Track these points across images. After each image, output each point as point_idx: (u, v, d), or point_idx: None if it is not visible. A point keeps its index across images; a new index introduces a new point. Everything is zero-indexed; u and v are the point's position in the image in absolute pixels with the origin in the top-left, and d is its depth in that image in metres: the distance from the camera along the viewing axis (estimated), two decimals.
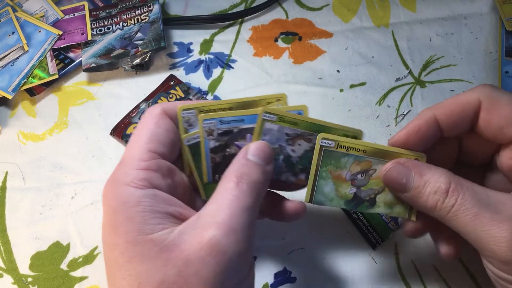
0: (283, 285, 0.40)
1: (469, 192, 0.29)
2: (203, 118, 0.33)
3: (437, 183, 0.30)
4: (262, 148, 0.31)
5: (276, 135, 0.33)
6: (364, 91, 0.50)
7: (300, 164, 0.33)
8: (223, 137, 0.33)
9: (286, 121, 0.33)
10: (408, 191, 0.31)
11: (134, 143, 0.31)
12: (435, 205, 0.30)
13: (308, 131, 0.33)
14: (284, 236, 0.42)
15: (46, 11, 0.55)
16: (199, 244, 0.26)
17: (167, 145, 0.32)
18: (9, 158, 0.47)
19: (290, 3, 0.56)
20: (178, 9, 0.57)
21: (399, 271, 0.40)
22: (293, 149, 0.33)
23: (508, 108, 0.30)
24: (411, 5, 0.55)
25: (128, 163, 0.30)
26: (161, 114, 0.32)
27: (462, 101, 0.32)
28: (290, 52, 0.53)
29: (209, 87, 0.51)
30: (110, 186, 0.30)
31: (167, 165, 0.31)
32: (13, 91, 0.49)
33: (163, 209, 0.29)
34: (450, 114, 0.32)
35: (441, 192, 0.29)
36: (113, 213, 0.28)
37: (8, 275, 0.42)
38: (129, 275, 0.27)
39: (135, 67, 0.51)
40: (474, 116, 0.32)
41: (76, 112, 0.50)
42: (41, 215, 0.44)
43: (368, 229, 0.42)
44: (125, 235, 0.27)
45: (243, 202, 0.28)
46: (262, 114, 0.32)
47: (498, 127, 0.31)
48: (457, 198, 0.29)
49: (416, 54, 0.52)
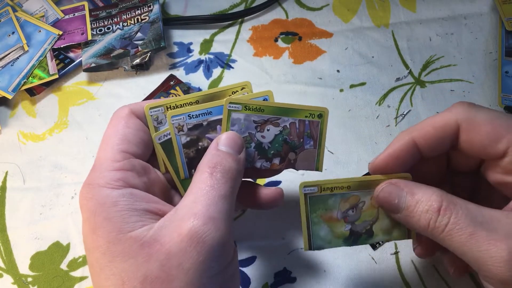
0: (283, 285, 0.40)
1: (463, 211, 0.28)
2: (171, 115, 0.33)
3: (428, 201, 0.29)
4: (232, 138, 0.32)
5: (244, 124, 0.33)
6: (364, 91, 0.50)
7: (272, 149, 0.34)
8: (194, 131, 0.33)
9: (251, 109, 0.33)
10: (401, 212, 0.30)
11: (105, 146, 0.31)
12: (427, 224, 0.29)
13: (274, 116, 0.33)
14: (284, 236, 0.42)
15: (46, 11, 0.55)
16: (179, 236, 0.26)
17: (139, 145, 0.32)
18: (9, 158, 0.47)
19: (290, 3, 0.56)
20: (178, 9, 0.57)
21: (399, 271, 0.40)
22: (263, 135, 0.34)
23: (488, 126, 0.30)
24: (411, 5, 0.55)
25: (102, 166, 0.30)
26: (129, 114, 0.33)
27: (440, 123, 0.31)
28: (290, 52, 0.53)
29: (209, 87, 0.51)
30: (86, 190, 0.30)
31: (141, 164, 0.32)
32: (13, 91, 0.49)
33: (141, 206, 0.29)
34: (429, 137, 0.32)
35: (432, 210, 0.28)
36: (92, 216, 0.28)
37: (8, 275, 0.42)
38: (112, 274, 0.27)
39: (135, 67, 0.51)
40: (453, 137, 0.31)
41: (76, 112, 0.50)
42: (41, 215, 0.44)
43: None
44: (105, 235, 0.27)
45: (218, 191, 0.29)
46: (227, 105, 0.33)
47: (480, 146, 0.30)
48: (450, 217, 0.28)
49: (416, 54, 0.52)
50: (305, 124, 0.34)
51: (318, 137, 0.34)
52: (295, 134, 0.34)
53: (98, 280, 0.28)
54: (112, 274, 0.27)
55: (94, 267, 0.28)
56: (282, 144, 0.34)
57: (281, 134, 0.34)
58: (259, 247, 0.42)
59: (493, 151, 0.30)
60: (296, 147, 0.34)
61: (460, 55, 0.51)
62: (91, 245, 0.28)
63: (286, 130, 0.34)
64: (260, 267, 0.41)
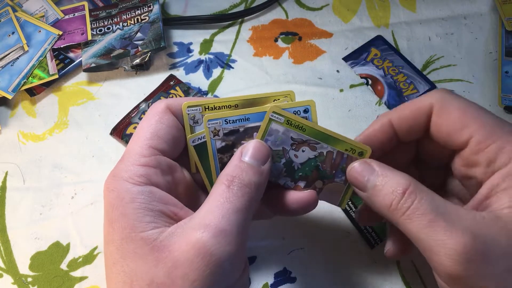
0: (283, 285, 0.40)
1: (427, 198, 0.28)
2: (207, 119, 0.32)
3: (396, 183, 0.29)
4: (257, 147, 0.31)
5: (281, 138, 0.32)
6: (364, 91, 0.50)
7: (301, 171, 0.33)
8: (229, 136, 0.32)
9: (293, 125, 0.32)
10: (367, 190, 0.30)
11: (136, 139, 0.31)
12: (389, 204, 0.29)
13: (314, 139, 0.32)
14: (284, 236, 0.42)
15: (46, 11, 0.55)
16: (187, 246, 0.26)
17: (169, 142, 0.32)
18: (9, 158, 0.47)
19: (290, 3, 0.56)
20: (178, 9, 0.57)
21: (399, 271, 0.40)
22: (296, 154, 0.33)
23: (457, 112, 0.30)
24: (411, 5, 0.55)
25: (128, 158, 0.30)
26: (165, 110, 0.32)
27: (416, 105, 0.32)
28: (290, 52, 0.53)
29: (209, 87, 0.51)
30: (110, 181, 0.30)
31: (168, 162, 0.31)
32: (13, 91, 0.49)
33: (157, 207, 0.29)
34: (404, 118, 0.32)
35: (397, 192, 0.28)
36: (110, 208, 0.29)
37: (8, 275, 0.42)
38: (123, 271, 0.27)
39: (135, 67, 0.51)
40: (426, 120, 0.31)
41: (76, 112, 0.50)
42: (41, 215, 0.44)
43: (366, 229, 0.42)
44: (120, 231, 0.28)
45: (233, 204, 0.28)
46: (270, 114, 0.32)
47: (446, 132, 0.30)
48: (414, 201, 0.28)
49: (416, 54, 0.52)
50: (343, 157, 0.32)
51: None
52: (329, 163, 0.33)
53: (110, 273, 0.28)
54: (122, 271, 0.27)
55: (108, 259, 0.29)
56: (312, 169, 0.33)
57: (315, 159, 0.32)
58: (259, 247, 0.42)
59: (457, 139, 0.30)
60: (326, 177, 0.33)
61: (460, 55, 0.51)
62: (108, 237, 0.29)
63: (322, 157, 0.33)
64: (260, 267, 0.41)
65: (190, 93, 0.49)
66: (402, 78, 0.50)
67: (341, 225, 0.42)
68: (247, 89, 0.51)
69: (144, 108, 0.49)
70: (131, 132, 0.47)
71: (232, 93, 0.50)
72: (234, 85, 0.51)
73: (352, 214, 0.42)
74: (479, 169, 0.30)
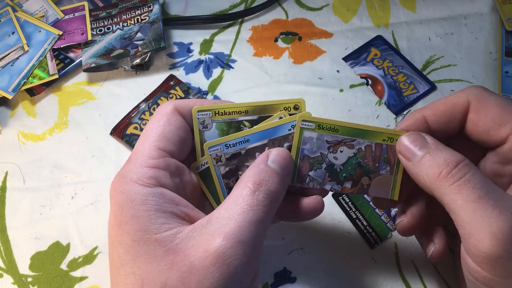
0: (283, 285, 0.40)
1: (480, 174, 0.27)
2: (208, 146, 0.32)
3: (449, 155, 0.28)
4: (283, 156, 0.31)
5: (317, 143, 0.32)
6: (364, 91, 0.50)
7: (344, 172, 0.32)
8: (232, 161, 0.32)
9: (325, 128, 0.32)
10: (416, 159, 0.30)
11: (144, 140, 0.31)
12: (438, 173, 0.28)
13: (349, 137, 0.32)
14: (284, 236, 0.42)
15: (46, 11, 0.55)
16: (204, 253, 0.26)
17: (177, 143, 0.31)
18: (9, 158, 0.47)
19: (290, 3, 0.56)
20: (178, 9, 0.57)
21: (399, 271, 0.40)
22: (335, 156, 0.32)
23: (496, 109, 0.30)
24: (411, 5, 0.55)
25: (137, 160, 0.30)
26: (173, 111, 0.32)
27: (451, 101, 0.32)
28: (290, 52, 0.53)
29: (209, 87, 0.51)
30: (117, 182, 0.29)
31: (176, 164, 0.31)
32: (13, 91, 0.49)
33: (169, 208, 0.28)
34: (440, 114, 0.32)
35: (451, 162, 0.28)
36: (119, 210, 0.28)
37: (8, 275, 0.42)
38: (133, 273, 0.27)
39: (135, 67, 0.51)
40: (462, 117, 0.31)
41: (76, 112, 0.50)
42: (41, 215, 0.44)
43: (366, 229, 0.42)
44: (131, 233, 0.27)
45: (256, 214, 0.27)
46: (300, 123, 0.31)
47: (485, 129, 0.30)
48: (467, 173, 0.27)
49: (416, 54, 0.52)
50: (382, 148, 0.32)
51: (395, 162, 0.33)
52: (370, 158, 0.32)
53: (116, 275, 0.28)
54: (132, 273, 0.27)
55: (114, 261, 0.28)
56: (355, 168, 0.32)
57: (355, 156, 0.32)
58: None
59: (496, 135, 0.30)
60: (371, 171, 0.33)
61: (460, 55, 0.51)
62: (116, 238, 0.28)
63: (361, 153, 0.32)
64: (260, 267, 0.41)
65: (190, 93, 0.49)
66: (402, 78, 0.50)
67: (341, 225, 0.42)
68: (247, 89, 0.51)
69: (144, 108, 0.49)
70: (131, 132, 0.47)
71: (232, 93, 0.50)
72: (234, 85, 0.51)
73: (352, 214, 0.42)
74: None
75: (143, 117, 0.48)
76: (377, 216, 0.42)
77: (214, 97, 0.50)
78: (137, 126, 0.47)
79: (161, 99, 0.49)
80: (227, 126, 0.33)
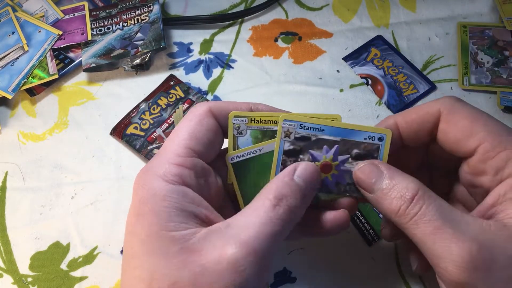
0: (283, 285, 0.40)
1: (435, 204, 0.28)
2: (283, 118, 0.32)
3: (404, 188, 0.29)
4: (311, 171, 0.31)
5: None
6: (364, 91, 0.50)
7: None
8: (299, 142, 0.32)
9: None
10: (375, 192, 0.30)
11: (174, 137, 0.31)
12: (397, 210, 0.28)
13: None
14: None
15: (46, 11, 0.55)
16: (219, 257, 0.26)
17: (206, 145, 0.31)
18: (9, 158, 0.47)
19: (290, 3, 0.56)
20: (178, 9, 0.57)
21: (399, 270, 0.40)
22: None
23: (466, 120, 0.30)
24: (411, 5, 0.55)
25: (164, 156, 0.30)
26: (206, 112, 0.32)
27: (424, 110, 0.31)
28: (290, 52, 0.53)
29: (209, 87, 0.51)
30: (142, 175, 0.30)
31: (202, 165, 0.31)
32: (13, 91, 0.49)
33: (189, 208, 0.28)
34: (411, 122, 0.32)
35: (406, 198, 0.28)
36: (139, 203, 0.28)
37: (8, 275, 0.42)
38: (141, 266, 0.27)
39: (135, 67, 0.51)
40: (433, 126, 0.31)
41: (76, 112, 0.50)
42: (41, 215, 0.44)
43: (364, 226, 0.42)
44: (147, 227, 0.27)
45: (274, 227, 0.27)
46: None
47: (454, 140, 0.30)
48: (421, 207, 0.27)
49: (416, 54, 0.52)
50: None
51: None
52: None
53: (127, 266, 0.28)
54: (141, 265, 0.27)
55: (127, 252, 0.28)
56: None
57: None
58: None
59: (464, 146, 0.30)
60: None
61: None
62: (132, 229, 0.28)
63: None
64: None
65: (190, 93, 0.49)
66: (402, 78, 0.50)
67: None
68: (247, 89, 0.51)
69: (144, 108, 0.49)
70: (131, 132, 0.47)
71: (232, 93, 0.50)
72: (234, 85, 0.51)
73: None
74: (486, 178, 0.29)
75: (143, 117, 0.48)
76: (375, 214, 0.42)
77: (214, 97, 0.50)
78: (137, 126, 0.47)
79: (161, 99, 0.49)
80: (261, 134, 0.33)
